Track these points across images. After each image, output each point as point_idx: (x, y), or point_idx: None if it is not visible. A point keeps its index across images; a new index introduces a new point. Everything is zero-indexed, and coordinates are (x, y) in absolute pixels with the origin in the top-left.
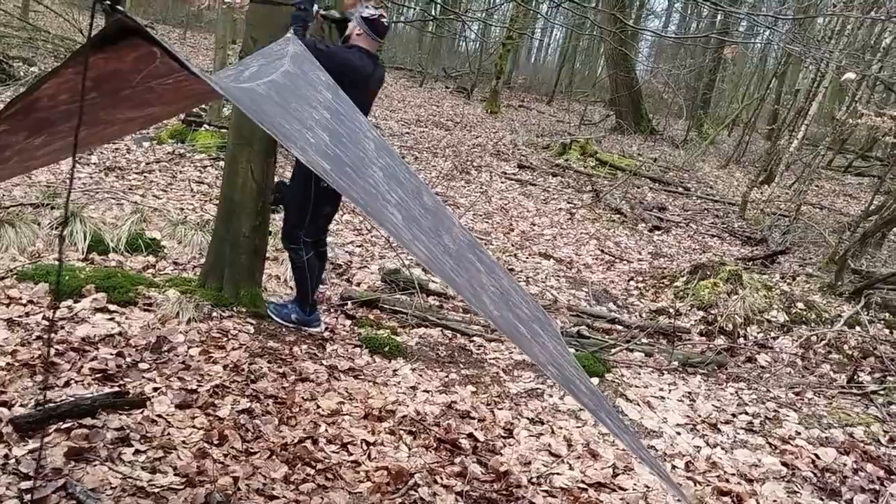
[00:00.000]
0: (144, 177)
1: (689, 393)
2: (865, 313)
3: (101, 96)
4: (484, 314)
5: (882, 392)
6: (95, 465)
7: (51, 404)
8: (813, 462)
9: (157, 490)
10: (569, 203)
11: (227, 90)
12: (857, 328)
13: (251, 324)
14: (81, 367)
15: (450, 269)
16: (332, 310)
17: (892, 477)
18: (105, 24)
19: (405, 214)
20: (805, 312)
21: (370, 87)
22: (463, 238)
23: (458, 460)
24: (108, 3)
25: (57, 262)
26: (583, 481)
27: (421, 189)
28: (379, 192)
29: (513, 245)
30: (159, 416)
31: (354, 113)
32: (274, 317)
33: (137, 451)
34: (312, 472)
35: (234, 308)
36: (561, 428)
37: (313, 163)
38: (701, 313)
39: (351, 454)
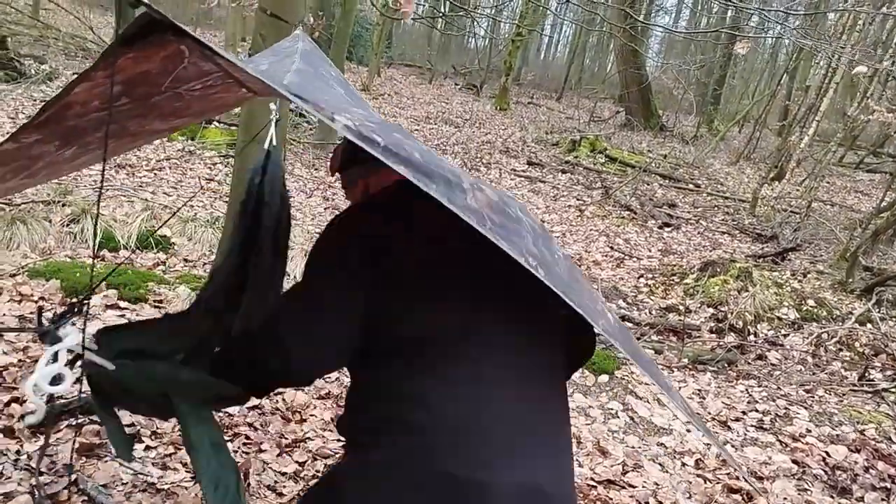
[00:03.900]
0: (155, 174)
1: (699, 390)
2: (877, 310)
3: (132, 102)
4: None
5: (893, 390)
6: (106, 461)
7: (62, 401)
8: (823, 460)
9: (167, 486)
10: (578, 200)
11: (266, 75)
12: (869, 325)
13: None
14: None
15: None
16: None
17: None
18: (132, 20)
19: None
20: (816, 310)
21: None
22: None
23: None
24: None
25: (68, 259)
26: (592, 479)
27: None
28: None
29: None
30: None
31: (367, 111)
32: None
33: (148, 448)
34: (323, 468)
35: None
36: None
37: (365, 136)
38: (711, 310)
39: None
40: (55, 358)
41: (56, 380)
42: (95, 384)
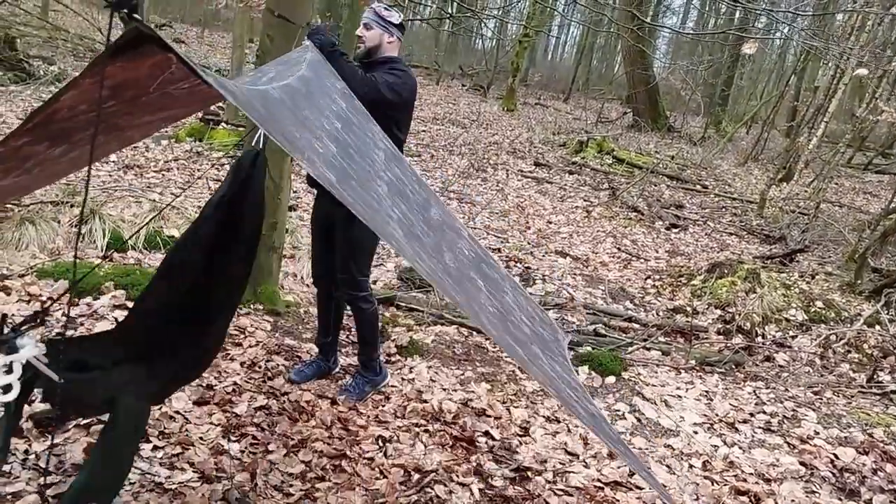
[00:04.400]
0: (162, 175)
1: (707, 392)
2: (885, 312)
3: (120, 104)
4: (484, 329)
5: None
6: None
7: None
8: (832, 462)
9: (174, 486)
10: (585, 201)
11: (240, 98)
12: (877, 327)
13: (268, 321)
14: None
15: (450, 288)
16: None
17: None
18: (122, 32)
19: (406, 231)
20: (824, 311)
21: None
22: (469, 252)
23: (473, 458)
24: (125, 11)
25: (77, 260)
26: (599, 480)
27: (429, 201)
28: (382, 207)
29: (529, 243)
30: (177, 412)
31: (367, 122)
32: (357, 403)
33: (155, 448)
34: (329, 468)
35: (252, 305)
36: (577, 426)
37: (320, 175)
38: (718, 312)
39: (367, 451)
40: (10, 368)
41: (6, 389)
42: (46, 394)
